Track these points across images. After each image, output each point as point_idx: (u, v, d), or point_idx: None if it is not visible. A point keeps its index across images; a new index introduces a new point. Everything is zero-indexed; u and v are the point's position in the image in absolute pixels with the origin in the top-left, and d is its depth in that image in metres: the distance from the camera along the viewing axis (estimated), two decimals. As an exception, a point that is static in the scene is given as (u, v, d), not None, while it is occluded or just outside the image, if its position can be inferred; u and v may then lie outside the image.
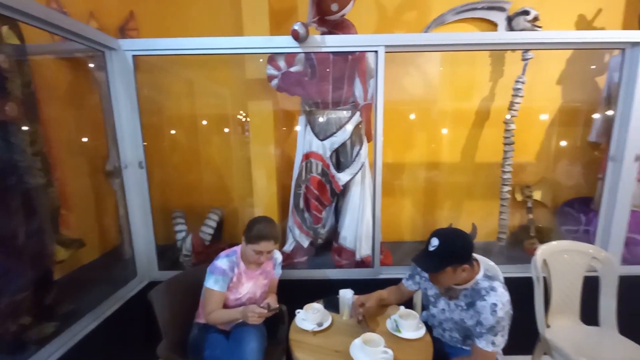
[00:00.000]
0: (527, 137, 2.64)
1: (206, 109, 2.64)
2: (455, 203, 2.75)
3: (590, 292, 1.89)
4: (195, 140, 2.68)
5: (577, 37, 1.86)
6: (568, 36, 1.86)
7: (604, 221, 2.08)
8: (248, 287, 1.54)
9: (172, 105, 2.62)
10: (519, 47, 1.98)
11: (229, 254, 1.52)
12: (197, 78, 2.58)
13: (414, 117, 2.65)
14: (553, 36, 1.87)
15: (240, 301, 1.52)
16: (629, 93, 1.90)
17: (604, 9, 2.44)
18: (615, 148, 1.98)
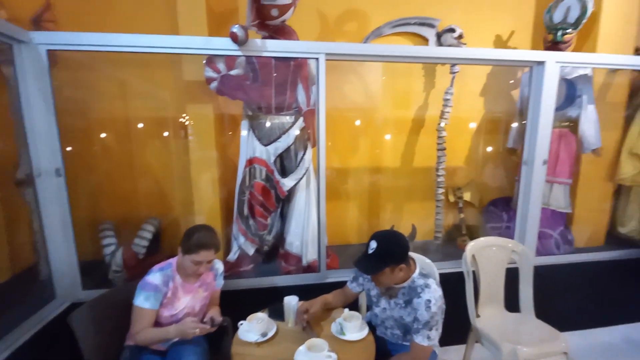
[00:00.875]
0: (457, 143, 2.89)
1: (141, 111, 2.46)
2: (397, 205, 2.89)
3: (512, 282, 2.11)
4: (129, 145, 2.47)
5: (494, 55, 2.10)
6: (487, 54, 2.08)
7: (520, 218, 2.34)
8: (185, 301, 1.45)
9: (102, 106, 2.39)
10: (446, 62, 2.16)
11: (163, 268, 1.41)
12: (130, 78, 2.39)
13: (358, 124, 2.74)
14: (475, 53, 2.08)
15: (176, 317, 1.42)
16: (536, 105, 2.18)
17: (516, 31, 2.78)
18: (527, 153, 2.25)
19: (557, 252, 2.53)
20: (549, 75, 2.11)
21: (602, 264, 2.56)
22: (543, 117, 2.16)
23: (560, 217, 2.56)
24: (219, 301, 1.64)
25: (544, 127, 2.18)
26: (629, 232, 2.78)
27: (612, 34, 2.45)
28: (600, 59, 2.21)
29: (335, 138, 2.72)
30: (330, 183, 2.75)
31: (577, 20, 2.36)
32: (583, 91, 2.38)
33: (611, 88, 2.59)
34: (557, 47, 2.42)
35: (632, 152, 2.54)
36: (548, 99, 2.14)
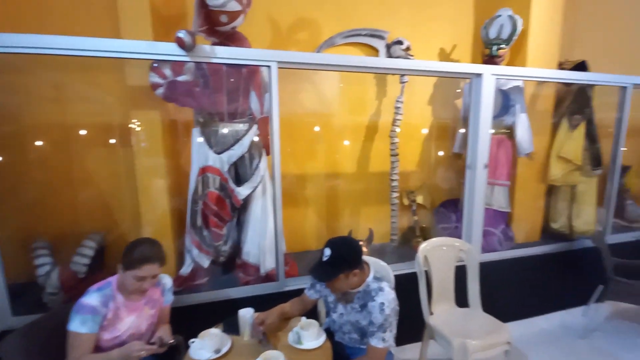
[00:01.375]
0: (409, 148, 3.03)
1: (82, 117, 2.27)
2: (354, 210, 2.95)
3: (461, 279, 2.24)
4: (68, 154, 2.27)
5: (438, 67, 2.23)
6: (430, 66, 2.20)
7: (466, 218, 2.50)
8: (130, 321, 1.35)
9: (37, 112, 2.18)
10: (394, 72, 2.26)
11: (102, 287, 1.31)
12: (69, 82, 2.21)
13: (315, 131, 2.77)
14: (419, 65, 2.20)
15: (119, 340, 1.32)
16: (475, 114, 2.35)
17: (458, 45, 3.00)
18: (470, 158, 2.42)
19: (500, 249, 2.74)
20: (486, 86, 2.29)
21: (539, 257, 2.81)
22: (482, 124, 2.34)
23: (502, 216, 2.77)
24: (169, 318, 1.55)
25: (483, 133, 2.36)
26: (559, 227, 3.08)
27: (539, 50, 2.72)
28: (529, 72, 2.45)
29: (293, 145, 2.72)
30: (288, 190, 2.76)
31: (509, 36, 2.61)
32: (516, 101, 2.62)
33: (540, 98, 2.87)
34: (492, 60, 2.65)
35: (559, 155, 2.84)
36: (486, 108, 2.33)
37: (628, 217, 3.66)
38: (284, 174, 2.69)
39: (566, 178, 2.90)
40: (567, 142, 2.82)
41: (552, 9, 2.70)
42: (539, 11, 2.65)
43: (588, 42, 3.44)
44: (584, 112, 2.81)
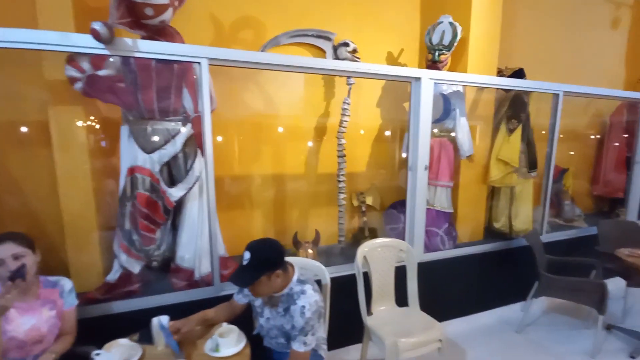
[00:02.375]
0: (359, 150, 3.06)
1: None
2: (302, 211, 2.93)
3: (402, 279, 2.28)
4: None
5: (379, 70, 2.26)
6: (372, 68, 2.23)
7: (409, 219, 2.55)
8: (26, 322, 1.28)
9: None
10: (336, 74, 2.26)
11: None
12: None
13: (262, 131, 2.72)
14: (361, 67, 2.22)
15: (17, 341, 1.25)
16: (416, 117, 2.41)
17: (406, 50, 3.07)
18: (411, 160, 2.47)
19: (443, 248, 2.81)
20: (425, 90, 2.35)
21: (480, 255, 2.92)
22: (422, 127, 2.40)
23: (445, 216, 2.85)
24: (74, 328, 1.45)
25: (423, 136, 2.42)
26: (501, 226, 3.22)
27: (479, 57, 2.84)
28: (467, 78, 2.54)
29: (238, 145, 2.66)
30: (233, 191, 2.69)
31: (450, 42, 2.69)
32: (456, 105, 2.71)
33: (481, 103, 3.00)
34: (435, 65, 2.72)
35: (498, 158, 2.97)
36: (425, 111, 2.39)
37: (566, 216, 3.91)
38: (228, 175, 2.66)
39: (505, 180, 3.04)
40: (505, 146, 2.96)
41: (490, 18, 2.82)
42: (478, 20, 2.76)
43: (526, 51, 3.64)
44: (520, 117, 2.96)
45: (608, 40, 4.30)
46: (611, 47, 4.35)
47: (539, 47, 3.74)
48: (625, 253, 2.60)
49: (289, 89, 2.74)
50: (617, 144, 4.10)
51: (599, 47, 4.23)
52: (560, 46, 3.91)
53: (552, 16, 3.79)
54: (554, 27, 3.82)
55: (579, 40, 4.05)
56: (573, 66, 4.04)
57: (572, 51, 4.02)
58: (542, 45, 3.75)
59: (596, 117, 4.36)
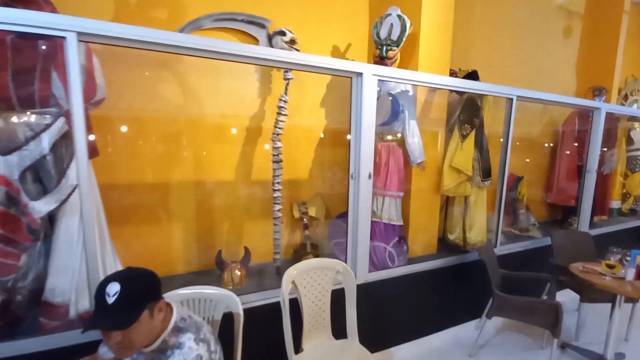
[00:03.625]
0: (301, 154, 2.72)
1: None
2: (233, 225, 2.53)
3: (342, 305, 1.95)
4: None
5: (312, 61, 1.93)
6: (303, 59, 1.90)
7: (352, 234, 2.24)
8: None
9: None
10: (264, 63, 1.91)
11: None
12: None
13: (181, 131, 2.30)
14: (295, 58, 1.88)
15: None
16: (357, 117, 2.11)
17: (354, 44, 2.79)
18: (353, 167, 2.17)
19: (393, 265, 2.53)
20: (367, 87, 2.06)
21: (433, 272, 2.67)
22: (365, 129, 2.10)
23: (394, 230, 2.58)
24: None
25: (366, 139, 2.12)
26: (455, 239, 3.01)
27: (431, 56, 2.61)
28: (414, 76, 2.29)
29: (150, 147, 2.23)
30: (144, 203, 2.24)
31: (399, 37, 2.44)
32: (405, 107, 2.45)
33: (434, 106, 2.77)
34: (383, 62, 2.46)
35: (450, 165, 2.74)
36: (368, 111, 2.10)
37: (521, 226, 3.80)
38: (136, 183, 2.20)
39: (458, 189, 2.83)
40: (458, 152, 2.75)
41: (442, 13, 2.61)
42: (429, 14, 2.54)
43: (481, 56, 3.51)
44: (473, 122, 2.76)
45: (561, 50, 4.30)
46: (564, 56, 4.36)
47: (494, 52, 3.63)
48: (579, 269, 2.44)
49: (215, 81, 2.35)
50: (569, 153, 4.08)
51: (553, 56, 4.21)
52: (515, 53, 3.83)
53: (507, 22, 3.70)
54: (508, 33, 3.73)
55: (533, 48, 4.00)
56: (527, 74, 3.98)
57: (527, 59, 3.96)
58: (497, 50, 3.65)
59: (550, 126, 4.34)
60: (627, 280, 2.23)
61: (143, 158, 2.19)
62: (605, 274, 2.32)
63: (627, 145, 4.81)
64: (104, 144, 2.03)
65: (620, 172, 4.77)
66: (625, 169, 4.83)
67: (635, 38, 5.07)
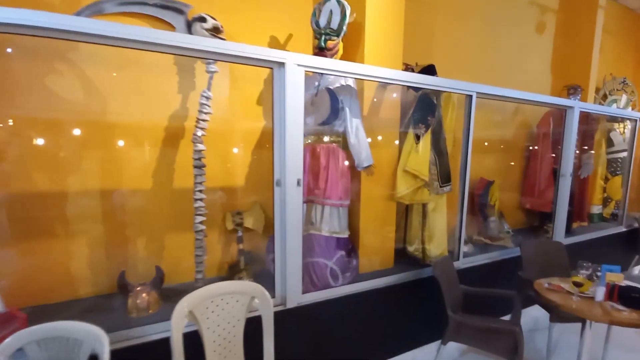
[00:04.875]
0: (235, 158, 2.42)
1: None
2: (150, 239, 2.21)
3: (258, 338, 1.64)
4: None
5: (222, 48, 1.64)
6: (208, 45, 1.61)
7: (279, 250, 1.93)
8: None
9: None
10: (156, 49, 1.60)
11: None
12: None
13: (84, 132, 1.98)
14: (193, 42, 1.58)
15: None
16: (280, 115, 1.81)
17: (295, 36, 2.50)
18: (278, 173, 1.87)
19: (336, 283, 2.22)
20: (290, 79, 1.77)
21: (386, 289, 2.37)
22: (291, 129, 1.81)
23: (338, 243, 2.28)
24: None
25: (293, 141, 1.82)
26: (414, 251, 2.72)
27: (379, 47, 2.34)
28: (349, 68, 1.99)
29: (42, 150, 1.90)
30: (36, 216, 1.92)
31: (339, 25, 2.16)
32: (346, 103, 2.17)
33: (385, 104, 2.49)
34: (323, 53, 2.17)
35: (405, 169, 2.46)
36: (293, 108, 1.80)
37: (491, 234, 3.52)
38: (23, 192, 1.87)
39: (415, 196, 2.54)
40: (413, 155, 2.46)
41: (391, 2, 2.35)
42: (375, 3, 2.27)
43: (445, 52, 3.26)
44: (427, 121, 2.48)
45: (534, 47, 4.07)
46: (537, 53, 4.13)
47: (461, 48, 3.38)
48: (545, 286, 2.16)
49: (124, 75, 2.04)
50: (544, 155, 3.84)
51: (525, 53, 3.98)
52: (485, 50, 3.58)
53: (474, 16, 3.45)
54: (476, 28, 3.49)
55: (504, 45, 3.76)
56: (498, 72, 3.74)
57: (497, 56, 3.71)
58: (463, 46, 3.40)
59: (524, 127, 4.09)
60: (597, 300, 1.95)
61: (34, 164, 1.86)
62: (573, 292, 2.04)
63: (607, 147, 4.59)
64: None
65: (601, 175, 4.54)
66: (606, 172, 4.61)
67: (613, 35, 4.88)
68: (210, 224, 2.31)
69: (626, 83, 4.56)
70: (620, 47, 5.05)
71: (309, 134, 2.26)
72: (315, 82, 2.21)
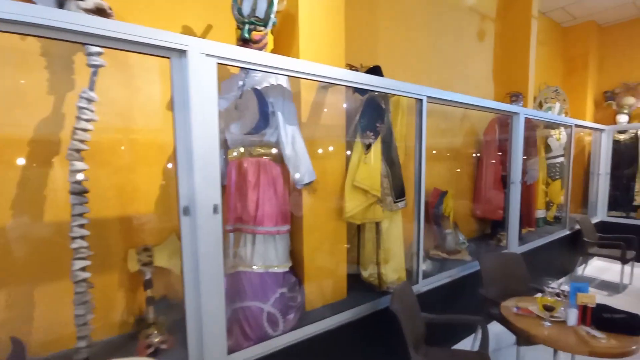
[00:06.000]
0: (141, 178, 1.89)
1: None
2: (6, 296, 1.58)
3: None
4: None
5: (98, 28, 1.16)
6: (86, 24, 1.12)
7: (190, 299, 1.43)
8: None
9: None
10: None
11: None
12: None
13: None
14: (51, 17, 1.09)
15: None
16: (185, 122, 1.36)
17: (216, 27, 2.08)
18: (185, 197, 1.39)
19: (274, 331, 1.77)
20: (196, 73, 1.33)
21: (338, 330, 1.96)
22: (200, 138, 1.36)
23: (276, 279, 1.83)
24: None
25: (205, 154, 1.37)
26: (369, 277, 2.36)
27: (316, 43, 2.00)
28: (278, 62, 1.60)
29: None
30: None
31: (266, 14, 1.78)
32: (276, 107, 1.77)
33: (328, 108, 2.13)
34: (248, 46, 1.77)
35: (353, 184, 2.11)
36: (205, 112, 1.36)
37: (448, 247, 3.32)
38: None
39: (367, 214, 2.21)
40: (362, 167, 2.13)
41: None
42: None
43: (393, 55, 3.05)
44: (376, 128, 2.18)
45: (477, 54, 4.07)
46: (481, 60, 4.13)
47: (406, 52, 3.19)
48: (513, 311, 1.91)
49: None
50: (492, 163, 3.78)
51: (469, 60, 3.95)
52: (429, 54, 3.45)
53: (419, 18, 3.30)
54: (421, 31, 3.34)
55: (449, 50, 3.67)
56: (444, 77, 3.63)
57: (442, 62, 3.61)
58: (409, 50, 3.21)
59: (472, 135, 4.04)
60: (570, 325, 1.73)
61: None
62: (543, 317, 1.81)
63: (546, 153, 4.74)
64: None
65: (542, 180, 4.66)
66: (546, 176, 4.75)
67: (545, 46, 5.14)
68: (105, 267, 1.76)
69: (558, 92, 4.77)
70: (551, 58, 5.34)
71: (235, 146, 1.82)
72: (239, 81, 1.79)
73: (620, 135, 5.16)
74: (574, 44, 5.51)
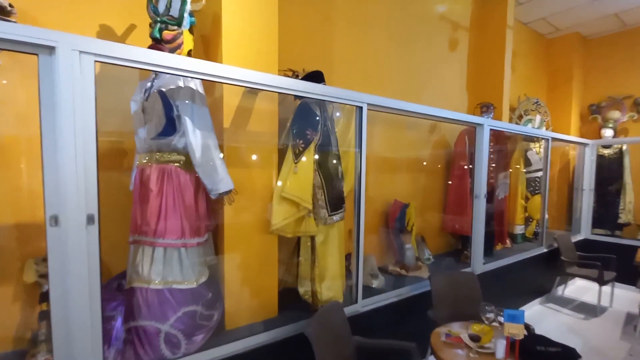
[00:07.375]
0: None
1: None
2: None
3: None
4: None
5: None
6: None
7: (58, 322, 1.30)
8: None
9: None
10: None
11: None
12: None
13: None
14: None
15: None
16: (53, 123, 1.24)
17: (140, 26, 1.98)
18: (55, 206, 1.27)
19: (175, 354, 1.62)
20: (67, 72, 1.22)
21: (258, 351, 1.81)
22: (69, 139, 1.24)
23: (181, 296, 1.69)
24: None
25: (77, 157, 1.26)
26: (304, 294, 2.21)
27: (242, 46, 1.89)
28: (176, 63, 1.47)
29: None
30: None
31: (180, 13, 1.68)
32: (183, 110, 1.65)
33: (257, 114, 2.02)
34: (159, 47, 1.67)
35: (282, 195, 1.98)
36: (74, 114, 1.25)
37: (408, 263, 3.16)
38: None
39: (298, 227, 2.07)
40: (292, 178, 2.00)
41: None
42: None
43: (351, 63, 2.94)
44: (307, 136, 2.05)
45: (449, 64, 3.95)
46: (452, 70, 4.02)
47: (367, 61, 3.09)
48: (442, 339, 1.74)
49: None
50: (461, 176, 3.63)
51: (441, 70, 3.83)
52: (393, 64, 3.34)
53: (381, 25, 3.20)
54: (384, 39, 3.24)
55: (417, 60, 3.56)
56: (411, 88, 3.51)
57: (409, 72, 3.49)
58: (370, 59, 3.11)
59: (442, 146, 3.90)
60: (498, 358, 1.56)
61: None
62: (472, 347, 1.64)
63: (525, 167, 4.58)
64: None
65: (522, 194, 4.49)
66: (526, 191, 4.58)
67: (527, 58, 5.02)
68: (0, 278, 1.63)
69: (539, 104, 4.63)
70: (533, 70, 5.21)
71: (144, 151, 1.71)
72: (147, 82, 1.69)
73: (604, 150, 4.99)
74: (558, 56, 5.38)
